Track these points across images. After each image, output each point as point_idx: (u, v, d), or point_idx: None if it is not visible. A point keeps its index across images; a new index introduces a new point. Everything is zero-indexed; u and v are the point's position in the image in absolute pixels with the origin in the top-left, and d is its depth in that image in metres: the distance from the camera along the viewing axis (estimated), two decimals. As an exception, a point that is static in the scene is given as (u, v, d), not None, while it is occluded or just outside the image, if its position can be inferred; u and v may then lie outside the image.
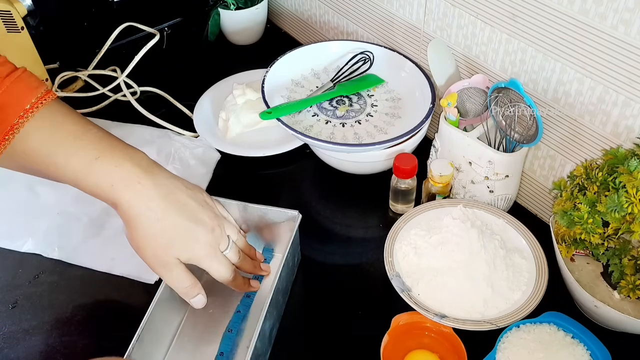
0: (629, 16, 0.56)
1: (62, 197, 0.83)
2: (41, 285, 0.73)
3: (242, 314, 0.66)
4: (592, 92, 0.64)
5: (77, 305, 0.71)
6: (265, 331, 0.61)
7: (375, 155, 0.79)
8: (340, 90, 0.88)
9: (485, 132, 0.75)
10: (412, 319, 0.65)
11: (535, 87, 0.70)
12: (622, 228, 0.57)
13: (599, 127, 0.65)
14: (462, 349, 0.62)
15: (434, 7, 0.79)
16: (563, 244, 0.64)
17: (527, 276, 0.67)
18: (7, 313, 0.70)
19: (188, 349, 0.66)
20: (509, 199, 0.76)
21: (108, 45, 1.08)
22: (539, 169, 0.77)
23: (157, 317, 0.62)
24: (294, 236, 0.68)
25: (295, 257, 0.72)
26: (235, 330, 0.65)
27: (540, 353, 0.60)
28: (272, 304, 0.62)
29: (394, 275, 0.67)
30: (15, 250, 0.77)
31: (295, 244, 0.71)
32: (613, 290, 0.64)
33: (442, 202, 0.76)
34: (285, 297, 0.70)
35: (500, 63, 0.73)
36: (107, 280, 0.73)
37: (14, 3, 0.92)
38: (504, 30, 0.70)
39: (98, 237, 0.78)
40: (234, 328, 0.65)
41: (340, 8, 0.99)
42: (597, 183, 0.60)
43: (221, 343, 0.63)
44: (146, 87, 1.03)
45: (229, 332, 0.64)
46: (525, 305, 0.64)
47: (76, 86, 1.04)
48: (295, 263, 0.73)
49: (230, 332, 0.64)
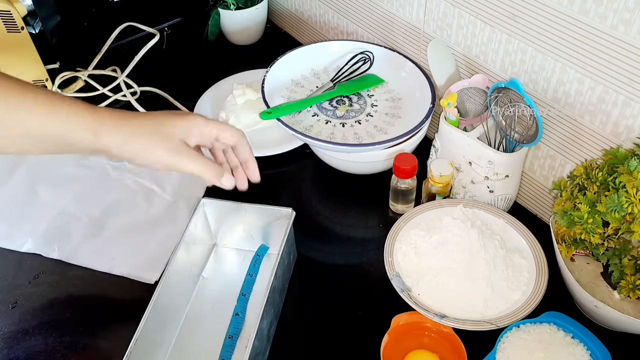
0: (629, 16, 0.56)
1: (62, 197, 0.83)
2: (41, 286, 0.73)
3: (241, 318, 0.66)
4: (592, 92, 0.64)
5: (77, 305, 0.71)
6: (262, 330, 0.61)
7: (375, 155, 0.79)
8: (340, 90, 0.88)
9: (485, 132, 0.75)
10: (412, 319, 0.65)
11: (535, 87, 0.70)
12: (622, 228, 0.57)
13: (599, 127, 0.65)
14: (462, 349, 0.61)
15: (434, 7, 0.79)
16: (563, 244, 0.64)
17: (527, 276, 0.67)
18: (7, 313, 0.70)
19: (186, 356, 0.65)
20: (509, 199, 0.76)
21: (108, 45, 1.08)
22: (539, 169, 0.76)
23: (153, 324, 0.61)
24: (288, 233, 0.68)
25: (291, 255, 0.72)
26: (236, 338, 0.65)
27: (540, 353, 0.60)
28: (269, 302, 0.62)
29: (394, 275, 0.67)
30: (15, 251, 0.77)
31: (290, 241, 0.71)
32: (613, 290, 0.64)
33: (442, 202, 0.76)
34: (282, 295, 0.70)
35: (500, 63, 0.73)
36: (107, 280, 0.73)
37: (14, 3, 0.92)
38: (504, 30, 0.70)
39: (98, 237, 0.78)
40: (234, 335, 0.65)
41: (340, 8, 0.99)
42: (597, 183, 0.60)
43: (222, 350, 0.63)
44: (146, 87, 1.03)
45: (230, 339, 0.64)
46: (525, 305, 0.64)
47: (76, 86, 1.04)
48: (292, 261, 0.73)
49: (230, 339, 0.64)
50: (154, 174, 0.86)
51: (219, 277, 0.74)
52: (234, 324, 0.66)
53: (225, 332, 0.65)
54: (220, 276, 0.74)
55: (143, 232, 0.79)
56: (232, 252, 0.77)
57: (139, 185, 0.85)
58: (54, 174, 0.87)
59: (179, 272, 0.68)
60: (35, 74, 0.98)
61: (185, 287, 0.71)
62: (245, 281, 0.69)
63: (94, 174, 0.87)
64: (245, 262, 0.74)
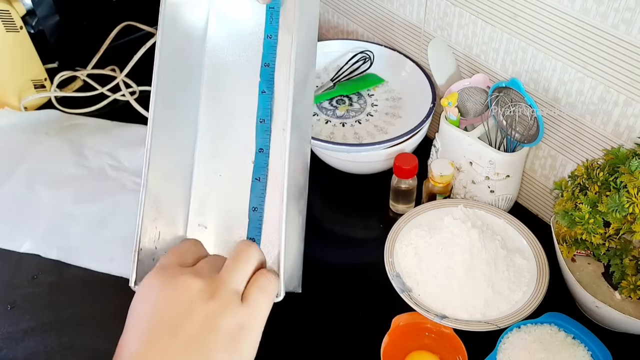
0: (630, 15, 0.56)
1: (61, 197, 0.83)
2: (40, 286, 0.73)
3: (268, 95, 0.55)
4: (593, 92, 0.64)
5: (76, 305, 0.71)
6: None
7: (376, 155, 0.79)
8: (340, 90, 0.87)
9: (486, 132, 0.75)
10: (412, 319, 0.65)
11: (536, 86, 0.70)
12: (623, 228, 0.57)
13: (600, 126, 0.65)
14: (462, 349, 0.61)
15: (435, 6, 0.78)
16: (564, 244, 0.64)
17: (528, 276, 0.67)
18: (5, 314, 0.70)
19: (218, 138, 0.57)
20: (510, 199, 0.76)
21: (107, 44, 1.08)
22: (539, 168, 0.76)
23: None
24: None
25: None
26: (269, 121, 0.55)
27: (541, 354, 0.59)
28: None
29: (395, 275, 0.67)
30: (14, 251, 0.77)
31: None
32: (614, 290, 0.64)
33: (442, 202, 0.75)
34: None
35: (501, 62, 0.73)
36: (106, 281, 0.73)
37: (12, 2, 0.91)
38: (505, 29, 0.70)
39: (97, 237, 0.78)
40: (265, 118, 0.55)
41: (340, 7, 0.99)
42: (598, 183, 0.60)
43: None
44: (145, 87, 1.03)
45: (262, 123, 0.55)
46: (526, 305, 0.64)
47: (75, 86, 1.04)
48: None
49: (262, 123, 0.55)
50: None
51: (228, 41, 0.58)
52: (263, 104, 0.55)
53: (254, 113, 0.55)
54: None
55: (142, 232, 0.79)
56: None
57: (138, 186, 0.85)
58: (53, 174, 0.87)
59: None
60: (33, 74, 0.98)
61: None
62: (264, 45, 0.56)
63: (92, 174, 0.87)
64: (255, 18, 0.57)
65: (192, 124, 0.57)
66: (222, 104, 0.58)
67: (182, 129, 0.57)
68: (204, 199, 0.57)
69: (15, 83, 0.96)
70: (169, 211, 0.55)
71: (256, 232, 0.55)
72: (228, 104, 0.57)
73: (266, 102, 0.56)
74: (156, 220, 0.54)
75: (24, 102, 0.97)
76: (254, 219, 0.55)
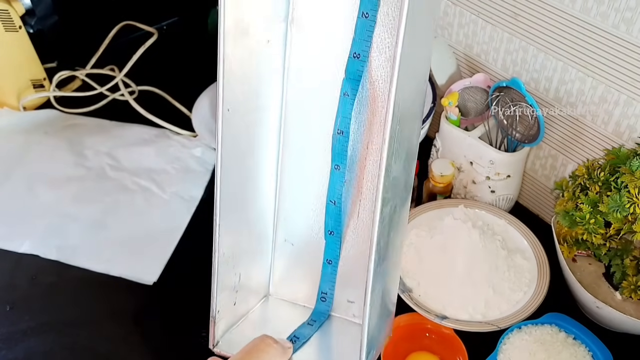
0: (631, 15, 0.56)
1: (60, 197, 0.83)
2: (39, 286, 0.73)
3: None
4: (593, 92, 0.64)
5: (75, 306, 0.71)
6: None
7: (376, 155, 0.78)
8: (340, 90, 0.87)
9: (486, 132, 0.74)
10: (413, 320, 0.64)
11: (537, 86, 0.70)
12: (624, 228, 0.57)
13: (601, 126, 0.65)
14: (463, 350, 0.61)
15: (435, 6, 0.78)
16: (565, 244, 0.64)
17: (529, 277, 0.67)
18: (5, 314, 0.70)
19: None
20: (511, 199, 0.76)
21: (106, 44, 1.08)
22: (540, 168, 0.76)
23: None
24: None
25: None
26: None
27: (542, 354, 0.59)
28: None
29: (395, 276, 0.67)
30: (13, 251, 0.77)
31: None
32: (615, 291, 0.64)
33: (443, 202, 0.75)
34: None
35: (502, 62, 0.73)
36: (105, 281, 0.73)
37: (11, 2, 0.91)
38: (505, 29, 0.70)
39: (96, 238, 0.78)
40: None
41: (339, 7, 0.99)
42: (599, 183, 0.60)
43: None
44: (144, 87, 1.03)
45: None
46: (527, 306, 0.63)
47: (74, 85, 1.04)
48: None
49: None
50: (152, 174, 0.86)
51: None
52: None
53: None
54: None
55: (141, 232, 0.79)
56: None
57: (137, 186, 0.85)
58: (53, 174, 0.86)
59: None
60: (32, 73, 0.98)
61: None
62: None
63: (92, 174, 0.87)
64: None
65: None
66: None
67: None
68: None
69: (14, 83, 0.95)
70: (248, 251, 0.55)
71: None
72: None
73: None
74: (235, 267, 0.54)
75: (23, 102, 0.97)
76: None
